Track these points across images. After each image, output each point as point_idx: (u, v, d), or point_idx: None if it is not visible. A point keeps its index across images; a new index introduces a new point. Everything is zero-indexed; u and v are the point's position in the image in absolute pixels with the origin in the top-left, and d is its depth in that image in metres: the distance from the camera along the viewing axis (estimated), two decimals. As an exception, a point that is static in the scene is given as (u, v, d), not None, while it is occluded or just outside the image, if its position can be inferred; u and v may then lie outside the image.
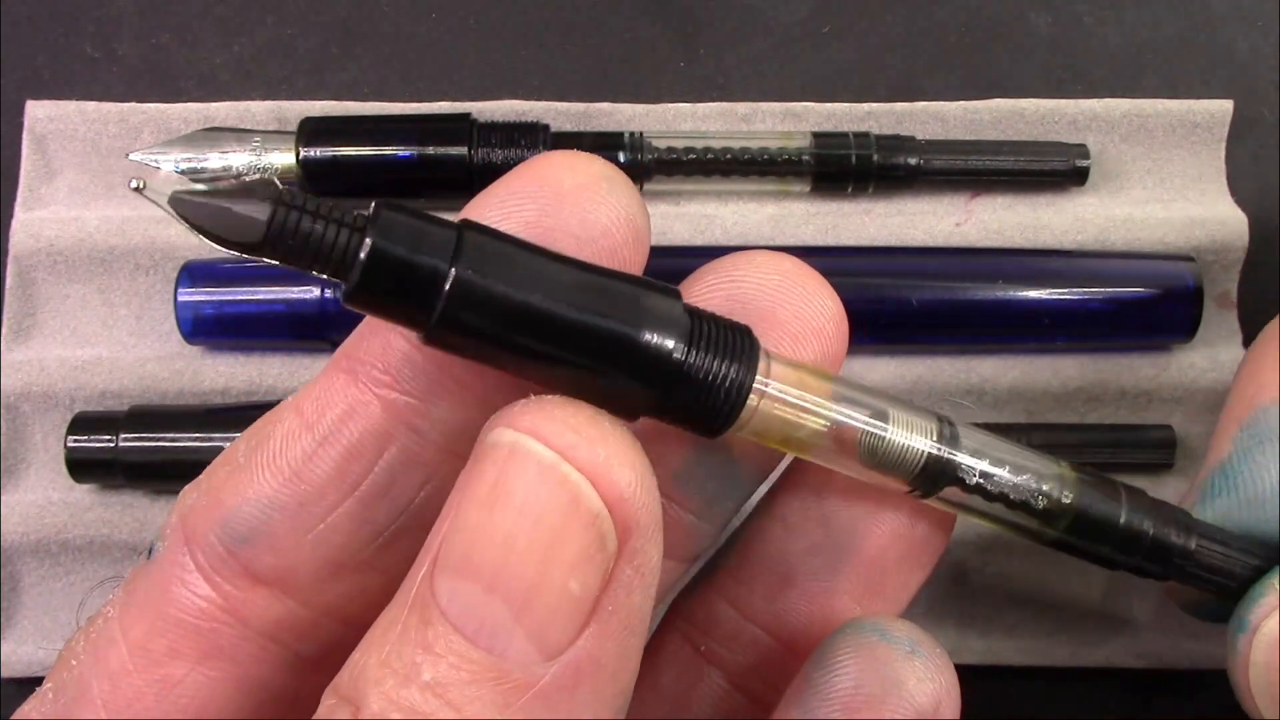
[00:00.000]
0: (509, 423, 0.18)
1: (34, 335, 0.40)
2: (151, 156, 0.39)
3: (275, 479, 0.21)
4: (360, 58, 0.43)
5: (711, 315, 0.21)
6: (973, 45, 0.44)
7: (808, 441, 0.22)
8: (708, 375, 0.21)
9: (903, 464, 0.22)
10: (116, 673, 0.21)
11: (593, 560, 0.18)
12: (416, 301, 0.19)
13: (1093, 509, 0.24)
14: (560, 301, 0.19)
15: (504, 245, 0.19)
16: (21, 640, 0.38)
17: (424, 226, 0.19)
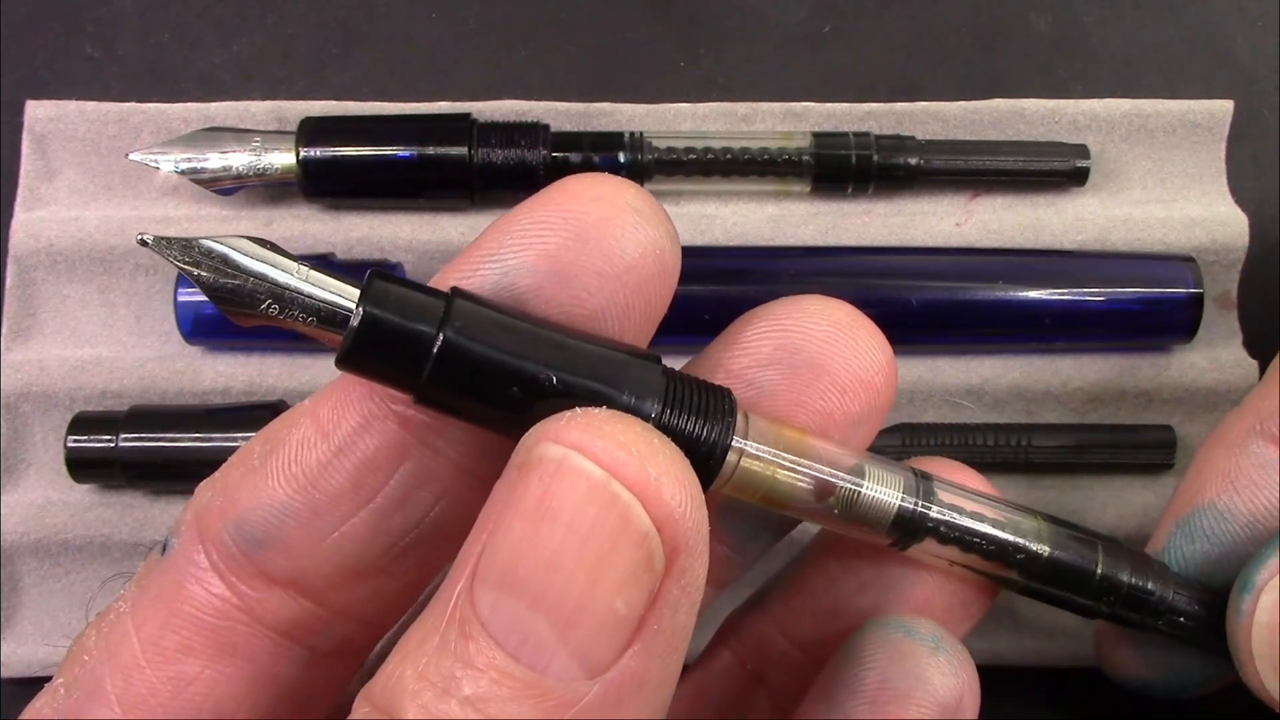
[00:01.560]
0: (555, 436, 0.18)
1: (34, 335, 0.40)
2: (151, 156, 0.39)
3: (290, 486, 0.21)
4: (360, 58, 0.43)
5: (691, 379, 0.22)
6: (973, 45, 0.44)
7: (787, 498, 0.22)
8: (685, 436, 0.21)
9: (878, 519, 0.23)
10: (130, 668, 0.21)
11: (640, 580, 0.17)
12: (407, 366, 0.19)
13: (1068, 560, 0.25)
14: (542, 367, 0.20)
15: (489, 313, 0.20)
16: (21, 640, 0.38)
17: (413, 295, 0.20)
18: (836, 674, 0.23)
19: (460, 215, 0.40)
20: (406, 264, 0.40)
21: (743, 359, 0.23)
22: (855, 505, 0.23)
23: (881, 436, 0.39)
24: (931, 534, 0.24)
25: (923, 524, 0.24)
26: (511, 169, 0.39)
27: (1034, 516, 0.25)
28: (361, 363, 0.20)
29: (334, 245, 0.40)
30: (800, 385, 0.23)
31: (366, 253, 0.40)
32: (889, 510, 0.23)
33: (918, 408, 0.40)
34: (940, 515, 0.24)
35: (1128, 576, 0.26)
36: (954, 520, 0.24)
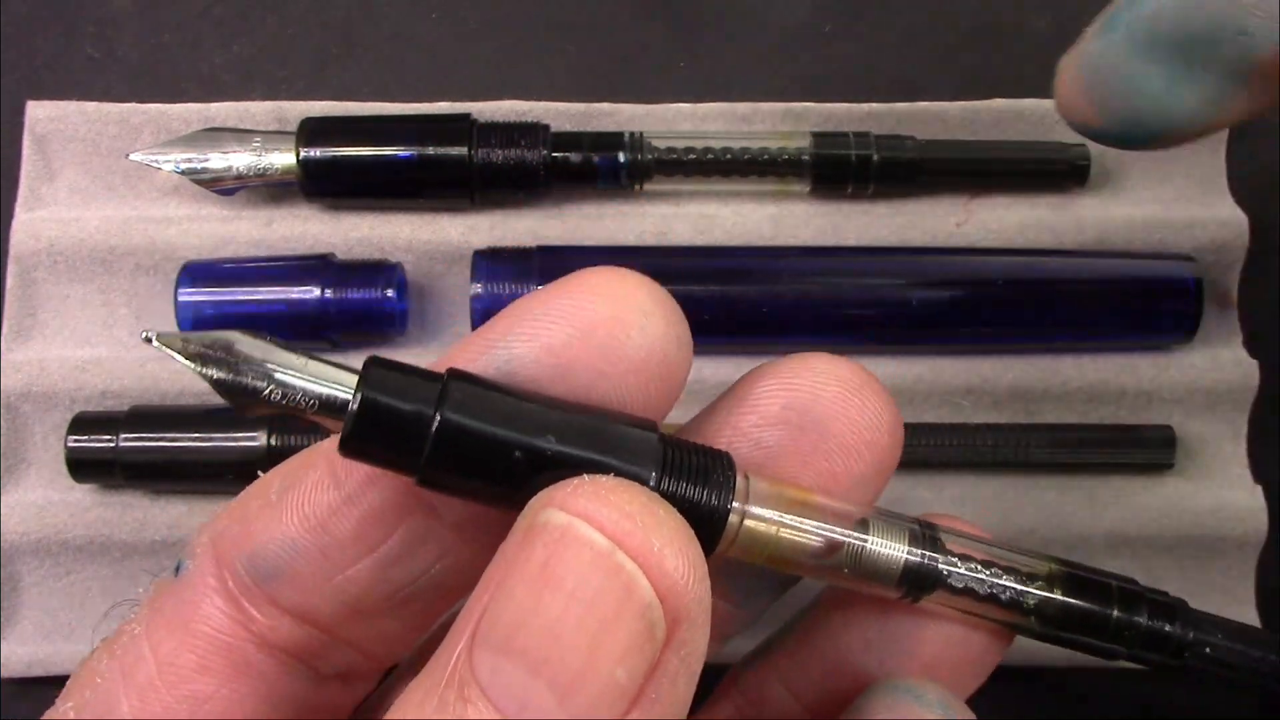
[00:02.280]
0: (561, 503, 0.18)
1: (34, 335, 0.40)
2: (152, 157, 0.39)
3: (302, 525, 0.22)
4: (360, 58, 0.43)
5: (689, 444, 0.22)
6: (973, 45, 0.44)
7: (792, 559, 0.22)
8: (684, 502, 0.21)
9: (886, 573, 0.23)
10: (145, 688, 0.21)
11: (641, 650, 0.17)
12: (406, 449, 0.20)
13: (1083, 605, 0.25)
14: (540, 442, 0.20)
15: (485, 393, 0.21)
16: (22, 640, 0.38)
17: (410, 380, 0.20)
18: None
19: (460, 215, 0.40)
20: (407, 264, 0.40)
21: (751, 416, 0.23)
22: (862, 562, 0.23)
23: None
24: (942, 585, 0.24)
25: (932, 576, 0.24)
26: (511, 169, 0.39)
27: (1046, 561, 0.25)
28: (362, 449, 0.20)
29: (334, 245, 0.40)
30: (807, 445, 0.23)
31: (366, 253, 0.40)
32: (897, 564, 0.23)
33: (918, 408, 0.40)
34: (950, 566, 0.24)
35: (1145, 618, 0.26)
36: (963, 571, 0.24)
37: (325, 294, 0.38)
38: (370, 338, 0.39)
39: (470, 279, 0.38)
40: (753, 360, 0.39)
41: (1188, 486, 0.40)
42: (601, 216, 0.41)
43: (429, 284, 0.41)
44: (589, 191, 0.41)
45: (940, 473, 0.39)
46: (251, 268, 0.39)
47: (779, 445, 0.23)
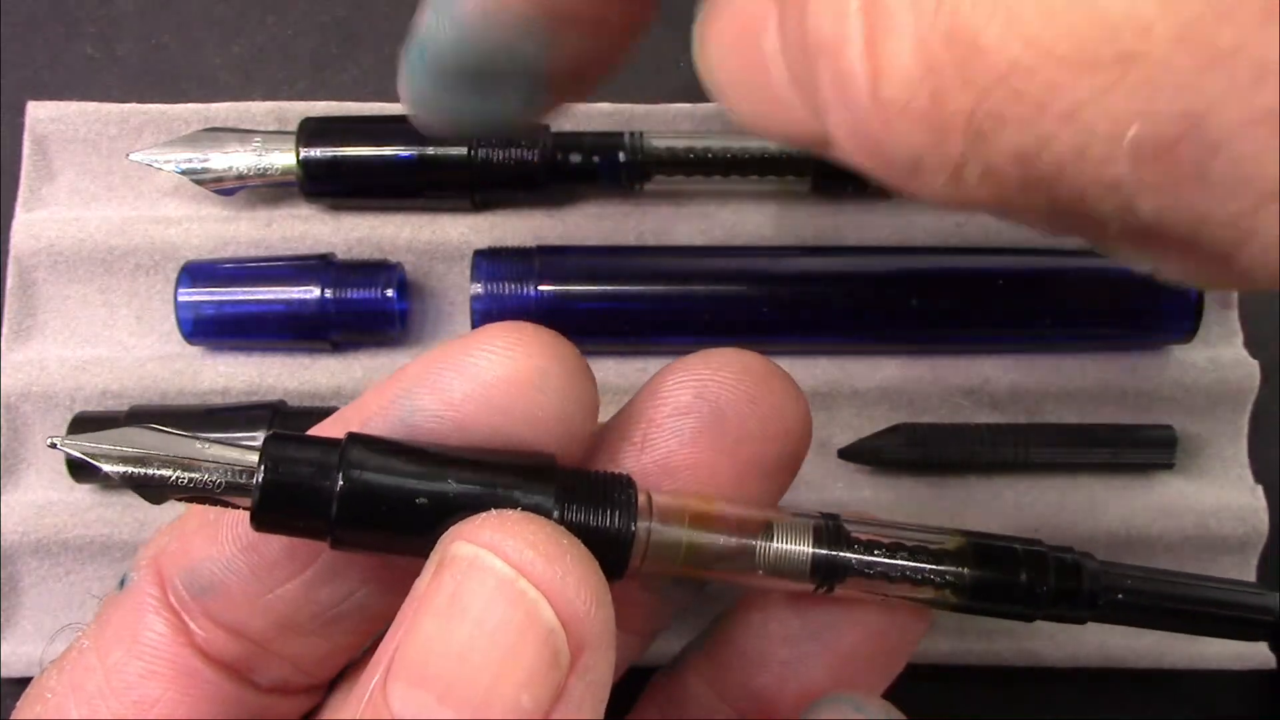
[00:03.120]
0: (469, 536, 0.19)
1: (34, 335, 0.40)
2: (152, 157, 0.39)
3: (234, 546, 0.22)
4: (360, 58, 0.43)
5: (588, 473, 0.23)
6: (973, 45, 0.44)
7: (704, 567, 0.24)
8: (589, 529, 0.22)
9: (796, 569, 0.24)
10: (95, 697, 0.22)
11: (545, 676, 0.18)
12: (315, 516, 0.21)
13: (991, 575, 0.26)
14: (441, 486, 0.21)
15: (383, 452, 0.22)
16: (22, 640, 0.38)
17: (308, 450, 0.21)
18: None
19: (460, 215, 0.40)
20: (406, 264, 0.40)
21: (663, 408, 0.24)
22: (770, 562, 0.24)
23: (882, 436, 0.39)
24: (853, 573, 0.25)
25: (840, 565, 0.25)
26: (511, 169, 0.39)
27: (954, 536, 0.26)
28: (272, 523, 0.21)
29: (334, 245, 0.40)
30: (718, 433, 0.24)
31: (366, 253, 0.40)
32: (805, 560, 0.24)
33: (918, 408, 0.40)
34: (856, 555, 0.25)
35: (1053, 579, 0.27)
36: (869, 557, 0.25)
37: (325, 294, 0.38)
38: (370, 338, 0.39)
39: (470, 279, 0.38)
40: (753, 360, 0.39)
41: (1188, 486, 0.40)
42: (601, 216, 0.41)
43: (429, 284, 0.41)
44: (589, 191, 0.41)
45: (940, 473, 0.39)
46: (251, 268, 0.39)
47: (692, 433, 0.24)
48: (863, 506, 0.39)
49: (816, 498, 0.39)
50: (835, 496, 0.39)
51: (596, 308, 0.38)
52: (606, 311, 0.38)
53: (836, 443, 0.39)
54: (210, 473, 0.21)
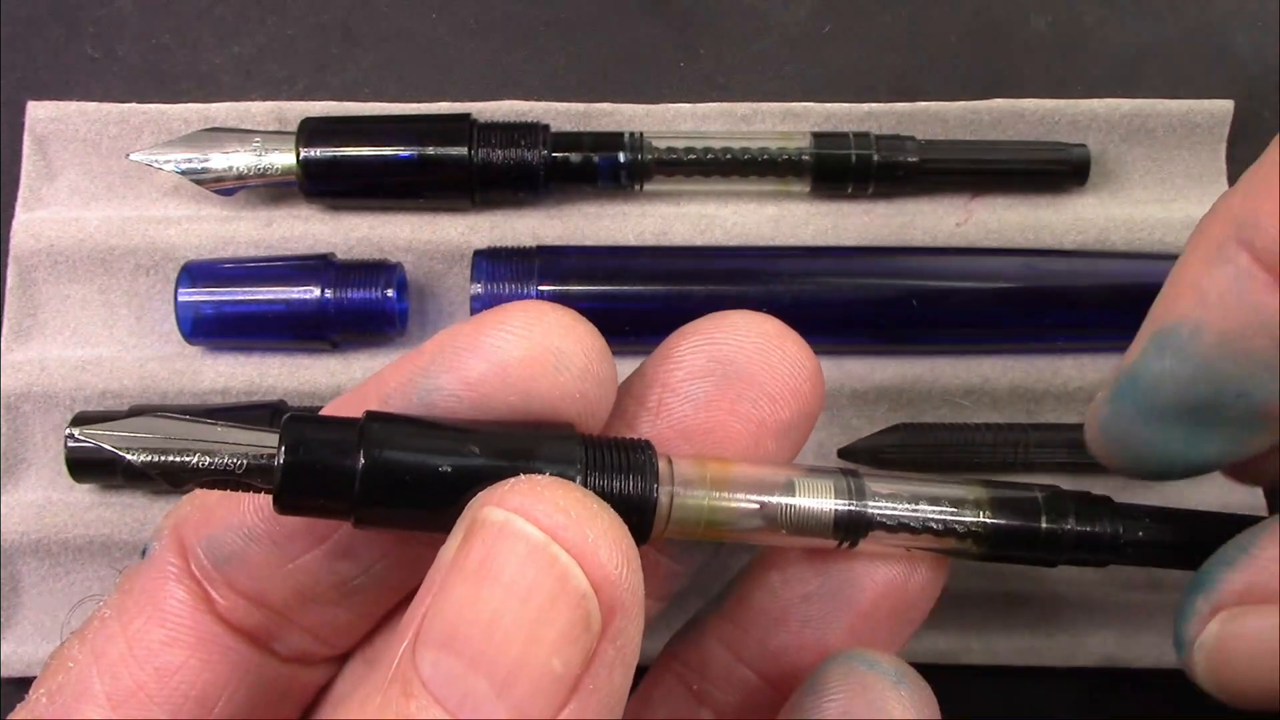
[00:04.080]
0: (499, 501, 0.19)
1: (34, 335, 0.40)
2: (152, 157, 0.39)
3: (256, 515, 0.22)
4: (360, 58, 0.43)
5: (609, 439, 0.23)
6: (973, 45, 0.44)
7: (725, 530, 0.24)
8: (612, 495, 0.22)
9: (818, 525, 0.24)
10: (117, 664, 0.22)
11: (577, 640, 0.18)
12: (337, 496, 0.21)
13: (1012, 522, 0.26)
14: (464, 457, 0.21)
15: (403, 428, 0.21)
16: (22, 640, 0.38)
17: (329, 431, 0.21)
18: (799, 705, 0.23)
19: (460, 215, 0.40)
20: (406, 264, 0.40)
21: (678, 372, 0.24)
22: (792, 520, 0.24)
23: (882, 436, 0.39)
24: (875, 526, 0.25)
25: (863, 520, 0.25)
26: (511, 169, 0.39)
27: (972, 485, 0.26)
28: (295, 505, 0.21)
29: (334, 245, 0.40)
30: (732, 395, 0.24)
31: (366, 253, 0.40)
32: (827, 516, 0.24)
33: (918, 408, 0.40)
34: (878, 507, 0.25)
35: (1073, 523, 0.27)
36: (892, 510, 0.25)
37: (325, 294, 0.38)
38: (370, 337, 0.39)
39: (470, 279, 0.38)
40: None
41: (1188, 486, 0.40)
42: (601, 216, 0.41)
43: (429, 284, 0.41)
44: (589, 191, 0.41)
45: (940, 473, 0.39)
46: (251, 268, 0.39)
47: (706, 397, 0.24)
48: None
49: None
50: (835, 496, 0.39)
51: (596, 307, 0.38)
52: (606, 311, 0.38)
53: (836, 443, 0.39)
54: (231, 456, 0.21)
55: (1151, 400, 0.26)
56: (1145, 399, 0.26)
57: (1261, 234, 0.23)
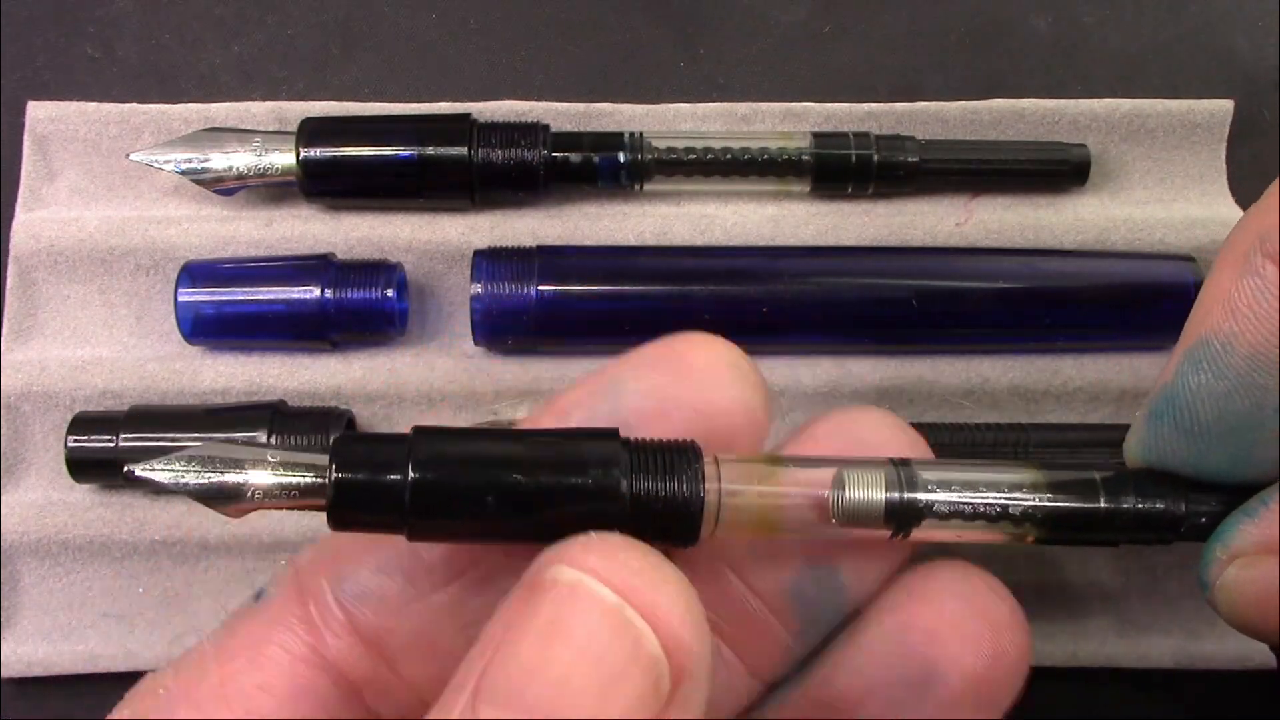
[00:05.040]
0: (570, 560, 0.19)
1: (34, 335, 0.40)
2: (152, 157, 0.39)
3: (392, 550, 0.23)
4: (360, 58, 0.43)
5: (653, 442, 0.23)
6: (973, 45, 0.44)
7: (778, 524, 0.24)
8: (660, 498, 0.23)
9: (870, 515, 0.24)
10: (205, 701, 0.22)
11: (647, 705, 0.18)
12: (390, 511, 0.21)
13: (1069, 504, 0.26)
14: (510, 473, 0.22)
15: (450, 440, 0.22)
16: (21, 640, 0.38)
17: (378, 447, 0.22)
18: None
19: (460, 215, 0.40)
20: (406, 264, 0.40)
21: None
22: (844, 512, 0.24)
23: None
24: (929, 515, 0.25)
25: (914, 509, 0.24)
26: (511, 169, 0.39)
27: (1026, 467, 0.26)
28: (349, 522, 0.22)
29: (334, 245, 0.40)
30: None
31: (366, 253, 0.40)
32: (878, 507, 0.24)
33: (918, 408, 0.40)
34: (930, 496, 0.25)
35: (1133, 501, 0.26)
36: (944, 497, 0.25)
37: (325, 294, 0.38)
38: (370, 337, 0.39)
39: (470, 279, 0.38)
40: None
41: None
42: (601, 216, 0.41)
43: (429, 284, 0.41)
44: (589, 191, 0.41)
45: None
46: (251, 268, 0.39)
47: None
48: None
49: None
50: (835, 496, 0.39)
51: (596, 307, 0.38)
52: (606, 311, 0.38)
53: (836, 443, 0.39)
54: (284, 481, 0.22)
55: (1191, 418, 0.26)
56: (1185, 418, 0.26)
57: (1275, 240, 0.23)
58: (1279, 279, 0.24)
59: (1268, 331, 0.24)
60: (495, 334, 0.38)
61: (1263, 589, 0.26)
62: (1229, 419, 0.25)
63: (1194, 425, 0.26)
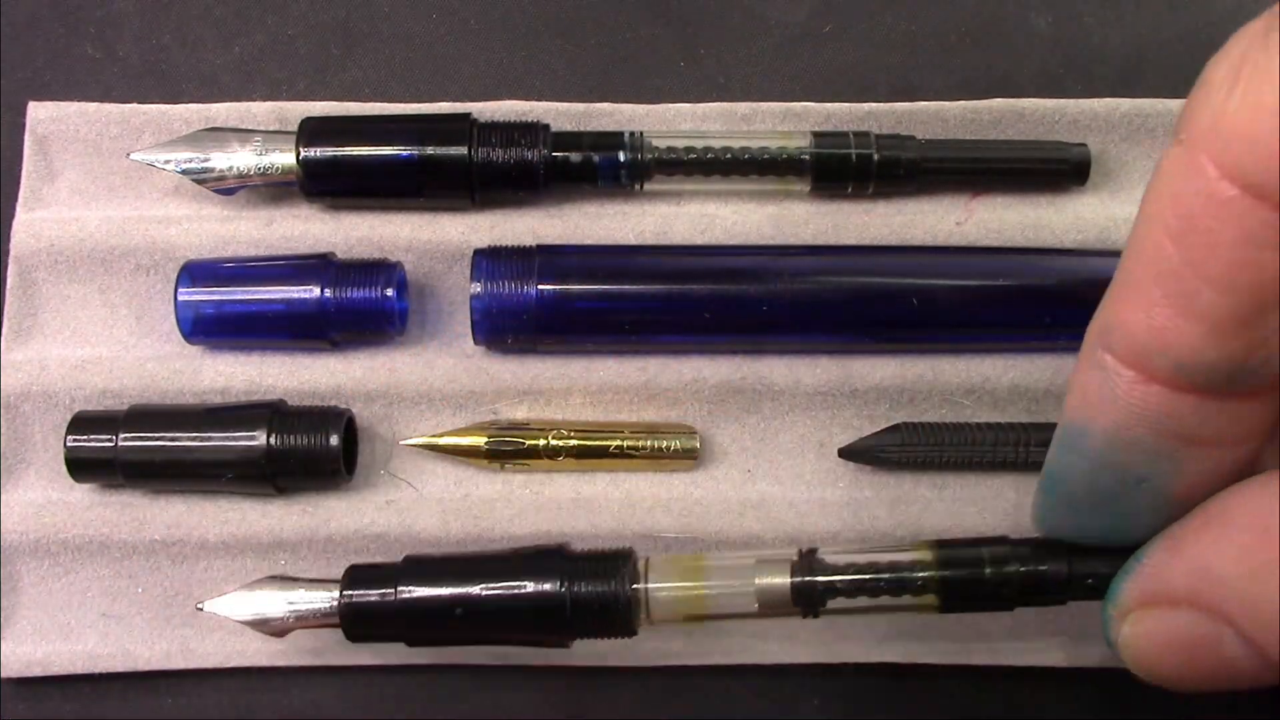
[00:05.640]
0: None
1: (34, 335, 0.40)
2: (152, 157, 0.39)
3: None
4: (361, 58, 0.43)
5: (590, 554, 0.32)
6: (973, 45, 0.44)
7: (704, 613, 0.31)
8: (597, 597, 0.30)
9: (779, 600, 0.30)
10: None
11: None
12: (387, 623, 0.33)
13: (958, 575, 0.31)
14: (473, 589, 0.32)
15: (434, 563, 0.33)
16: (21, 640, 0.38)
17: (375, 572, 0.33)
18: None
19: (461, 215, 0.40)
20: (407, 263, 0.40)
21: None
22: (759, 599, 0.30)
23: (883, 435, 0.39)
24: (836, 594, 0.30)
25: (817, 590, 0.30)
26: (511, 168, 0.39)
27: (920, 547, 0.31)
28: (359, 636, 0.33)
29: (334, 245, 0.40)
30: None
31: (366, 252, 0.40)
32: (784, 592, 0.30)
33: (918, 407, 0.40)
34: (830, 578, 0.30)
35: (1019, 566, 0.30)
36: (844, 578, 0.30)
37: (325, 293, 0.38)
38: (370, 337, 0.39)
39: (471, 278, 0.38)
40: (752, 360, 0.39)
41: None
42: (601, 216, 0.41)
43: (429, 283, 0.41)
44: (589, 191, 0.41)
45: (940, 473, 0.39)
46: (251, 267, 0.39)
47: None
48: (863, 506, 0.38)
49: (816, 497, 0.39)
50: (835, 496, 0.39)
51: (596, 307, 0.38)
52: (606, 310, 0.38)
53: (836, 442, 0.39)
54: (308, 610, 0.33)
55: (1067, 494, 0.29)
56: (1064, 493, 0.29)
57: (1118, 336, 0.26)
58: (1117, 368, 0.26)
59: (1114, 416, 0.27)
60: (495, 333, 0.38)
61: (1156, 641, 0.28)
62: (1098, 493, 0.28)
63: (1071, 499, 0.29)
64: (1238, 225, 0.23)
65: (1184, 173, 0.24)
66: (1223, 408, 0.26)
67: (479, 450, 0.38)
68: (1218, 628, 0.26)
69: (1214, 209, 0.23)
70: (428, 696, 0.38)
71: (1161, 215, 0.24)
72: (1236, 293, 0.23)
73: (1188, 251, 0.24)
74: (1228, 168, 0.23)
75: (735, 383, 0.39)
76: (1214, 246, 0.23)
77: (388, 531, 0.38)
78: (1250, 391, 0.26)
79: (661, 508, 0.38)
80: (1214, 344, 0.24)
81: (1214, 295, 0.24)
